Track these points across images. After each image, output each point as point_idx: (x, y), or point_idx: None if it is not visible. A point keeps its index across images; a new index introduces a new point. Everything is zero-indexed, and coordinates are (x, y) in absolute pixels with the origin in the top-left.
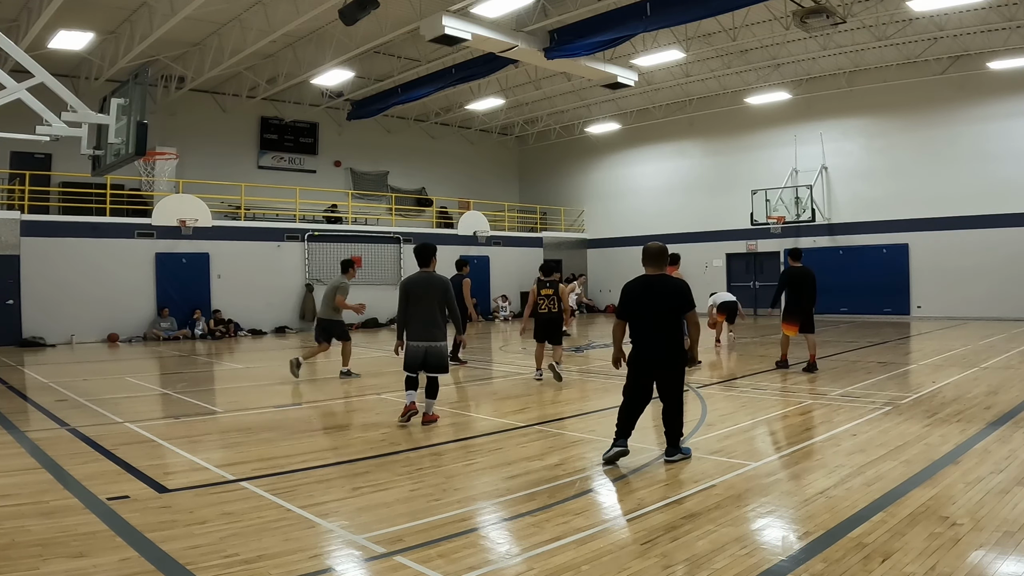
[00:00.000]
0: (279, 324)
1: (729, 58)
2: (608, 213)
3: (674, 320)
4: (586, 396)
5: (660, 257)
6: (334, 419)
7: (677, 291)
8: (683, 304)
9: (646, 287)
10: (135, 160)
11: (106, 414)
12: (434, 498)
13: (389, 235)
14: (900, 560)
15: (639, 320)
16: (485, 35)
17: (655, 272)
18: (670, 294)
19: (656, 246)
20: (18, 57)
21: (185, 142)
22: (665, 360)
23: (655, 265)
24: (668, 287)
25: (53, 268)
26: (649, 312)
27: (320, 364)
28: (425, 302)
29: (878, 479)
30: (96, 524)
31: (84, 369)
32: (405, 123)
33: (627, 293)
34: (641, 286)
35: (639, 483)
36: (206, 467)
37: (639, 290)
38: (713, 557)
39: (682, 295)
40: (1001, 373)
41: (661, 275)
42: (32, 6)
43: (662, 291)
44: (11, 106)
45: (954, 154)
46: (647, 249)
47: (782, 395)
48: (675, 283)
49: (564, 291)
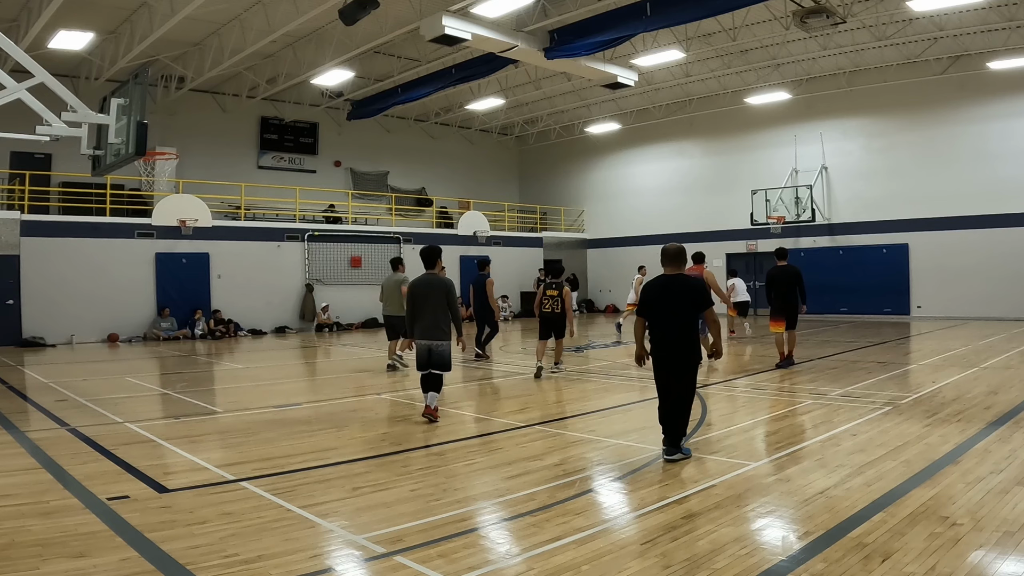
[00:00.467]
0: (279, 324)
1: (729, 58)
2: (608, 213)
3: (690, 319)
4: (586, 396)
5: (678, 257)
6: (334, 419)
7: (694, 290)
8: (700, 302)
9: (664, 287)
10: (135, 160)
11: (106, 414)
12: (434, 498)
13: (389, 235)
14: (900, 560)
15: (657, 319)
16: (485, 35)
17: (674, 272)
18: (687, 293)
19: (674, 247)
20: (18, 57)
21: (185, 142)
22: (679, 359)
23: (674, 265)
24: (685, 286)
25: (53, 268)
26: (667, 311)
27: (322, 363)
28: (428, 303)
29: (878, 479)
30: (96, 524)
31: (84, 369)
32: (405, 123)
33: (647, 292)
34: (660, 286)
35: (639, 483)
36: (206, 467)
37: (658, 290)
38: (713, 557)
39: (699, 294)
40: (1001, 373)
41: (679, 275)
42: (32, 6)
43: (679, 290)
44: (11, 106)
45: (954, 154)
46: (665, 250)
47: (782, 395)
48: (692, 282)
49: (568, 294)
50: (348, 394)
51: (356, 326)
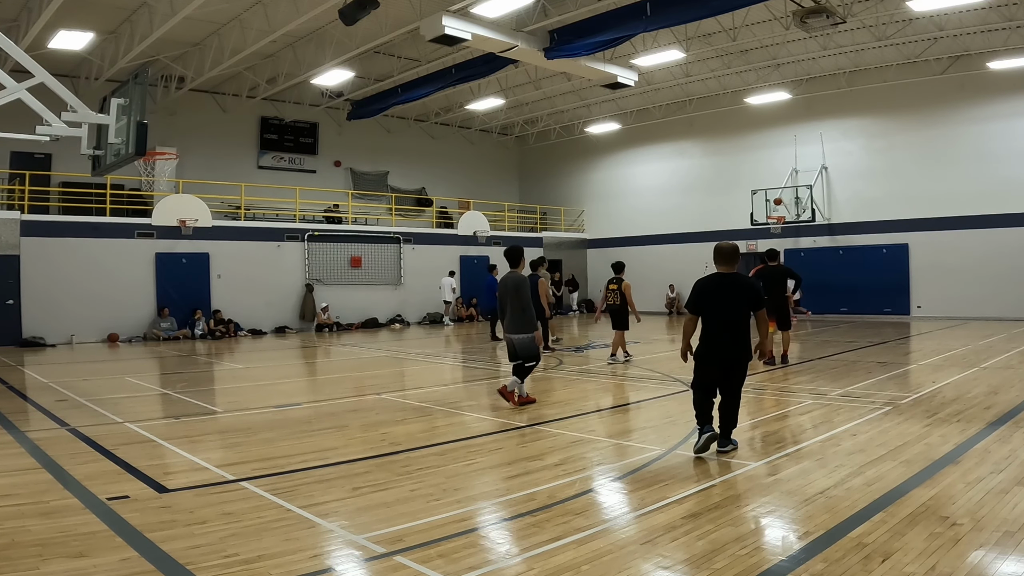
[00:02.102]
0: (279, 324)
1: (729, 58)
2: (608, 213)
3: (744, 317)
4: (586, 396)
5: (732, 256)
6: (334, 419)
7: (750, 289)
8: (757, 301)
9: (719, 285)
10: (135, 160)
11: (106, 414)
12: (434, 498)
13: (389, 235)
14: (900, 560)
15: (710, 316)
16: (485, 35)
17: (727, 270)
18: (743, 292)
19: (728, 245)
20: (18, 57)
21: (185, 142)
22: (733, 356)
23: (728, 264)
24: (741, 285)
25: (53, 268)
26: (721, 309)
27: (322, 363)
28: (508, 299)
29: (878, 479)
30: (96, 524)
31: (84, 369)
32: (405, 123)
33: (700, 289)
34: (715, 283)
35: (639, 483)
36: (206, 467)
37: (712, 287)
38: (713, 557)
39: (755, 292)
40: (1001, 373)
41: (734, 273)
42: (32, 6)
43: (735, 289)
44: (11, 106)
45: (954, 154)
46: (720, 249)
47: (782, 395)
48: (748, 282)
49: (627, 287)
50: (348, 394)
51: (356, 326)
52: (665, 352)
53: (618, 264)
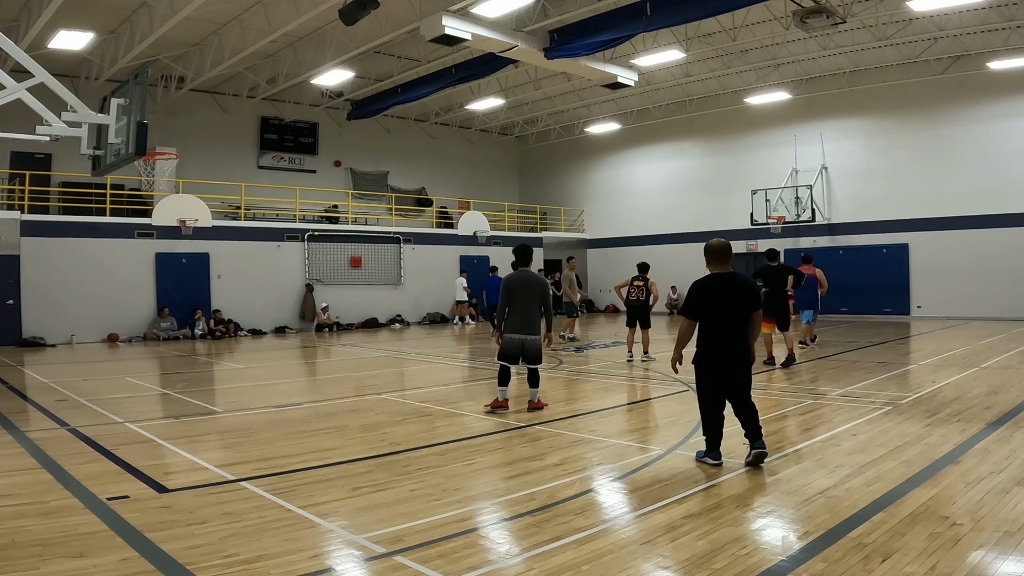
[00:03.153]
0: (279, 324)
1: (729, 58)
2: (608, 213)
3: (745, 318)
4: (586, 396)
5: (725, 254)
6: (334, 419)
7: (750, 289)
8: (756, 303)
9: (718, 285)
10: (135, 160)
11: (106, 414)
12: (434, 498)
13: (389, 235)
14: (900, 560)
15: (710, 319)
16: (485, 35)
17: (722, 270)
18: (744, 292)
19: (719, 243)
20: (18, 57)
21: (185, 142)
22: (737, 358)
23: (721, 262)
24: (741, 285)
25: (53, 268)
26: (721, 310)
27: (322, 363)
28: (525, 299)
29: (878, 479)
30: (96, 524)
31: (84, 369)
32: (405, 123)
33: (698, 291)
34: (713, 284)
35: (639, 483)
36: (206, 467)
37: (711, 288)
38: (713, 557)
39: (755, 293)
40: (1001, 373)
41: (731, 273)
42: (32, 6)
43: (734, 289)
44: (11, 106)
45: (954, 154)
46: (711, 247)
47: (782, 395)
48: (747, 281)
49: (653, 284)
50: (348, 394)
51: (356, 326)
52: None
53: (643, 264)
